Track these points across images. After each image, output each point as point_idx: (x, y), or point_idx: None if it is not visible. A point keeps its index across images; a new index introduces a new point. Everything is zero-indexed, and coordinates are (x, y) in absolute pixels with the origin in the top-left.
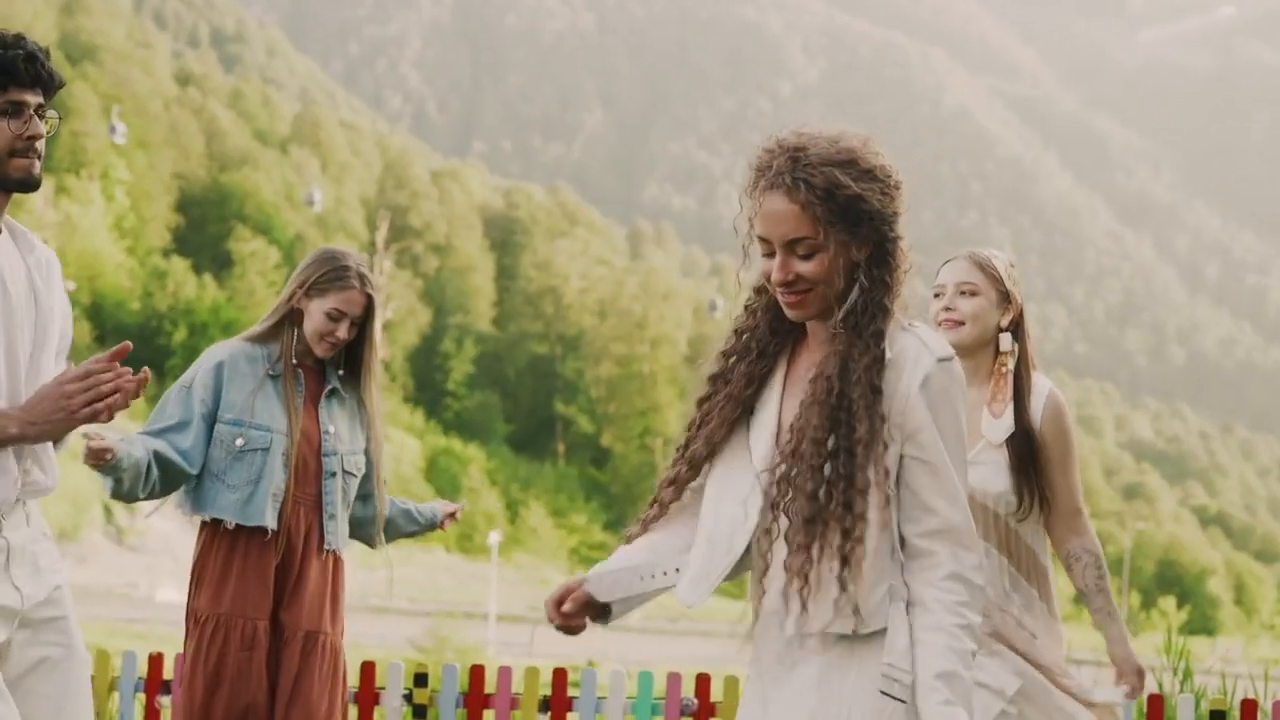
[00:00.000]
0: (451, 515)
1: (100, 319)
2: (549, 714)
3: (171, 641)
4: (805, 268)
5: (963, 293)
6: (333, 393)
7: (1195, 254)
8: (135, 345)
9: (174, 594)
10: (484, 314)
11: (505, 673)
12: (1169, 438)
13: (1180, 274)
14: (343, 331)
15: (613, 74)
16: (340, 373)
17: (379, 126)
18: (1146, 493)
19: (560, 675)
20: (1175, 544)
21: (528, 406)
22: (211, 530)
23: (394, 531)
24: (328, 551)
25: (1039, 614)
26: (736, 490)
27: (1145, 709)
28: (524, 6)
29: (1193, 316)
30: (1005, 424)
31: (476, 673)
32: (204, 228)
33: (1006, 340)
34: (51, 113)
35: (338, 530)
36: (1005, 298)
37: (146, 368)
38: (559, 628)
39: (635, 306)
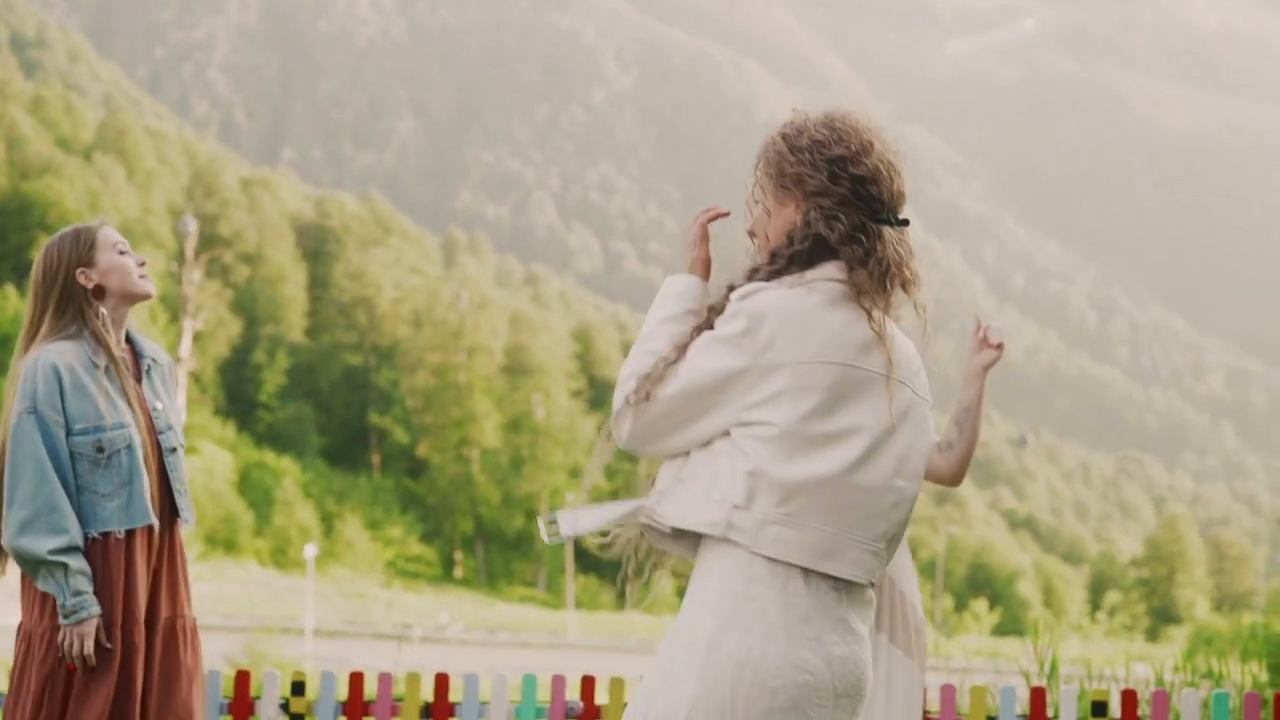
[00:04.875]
0: None
1: None
2: None
3: None
4: (752, 218)
5: None
6: (150, 366)
7: (1002, 263)
8: None
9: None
10: (296, 324)
11: (385, 679)
12: (978, 443)
13: (988, 283)
14: (140, 255)
15: (425, 81)
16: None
17: (186, 134)
18: (957, 497)
19: (442, 681)
20: (986, 547)
21: (342, 418)
22: (92, 544)
23: None
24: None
25: None
26: None
27: (1029, 704)
28: (334, 12)
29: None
30: None
31: (356, 680)
32: (5, 237)
33: None
34: None
35: (189, 505)
36: None
37: None
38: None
39: (450, 316)
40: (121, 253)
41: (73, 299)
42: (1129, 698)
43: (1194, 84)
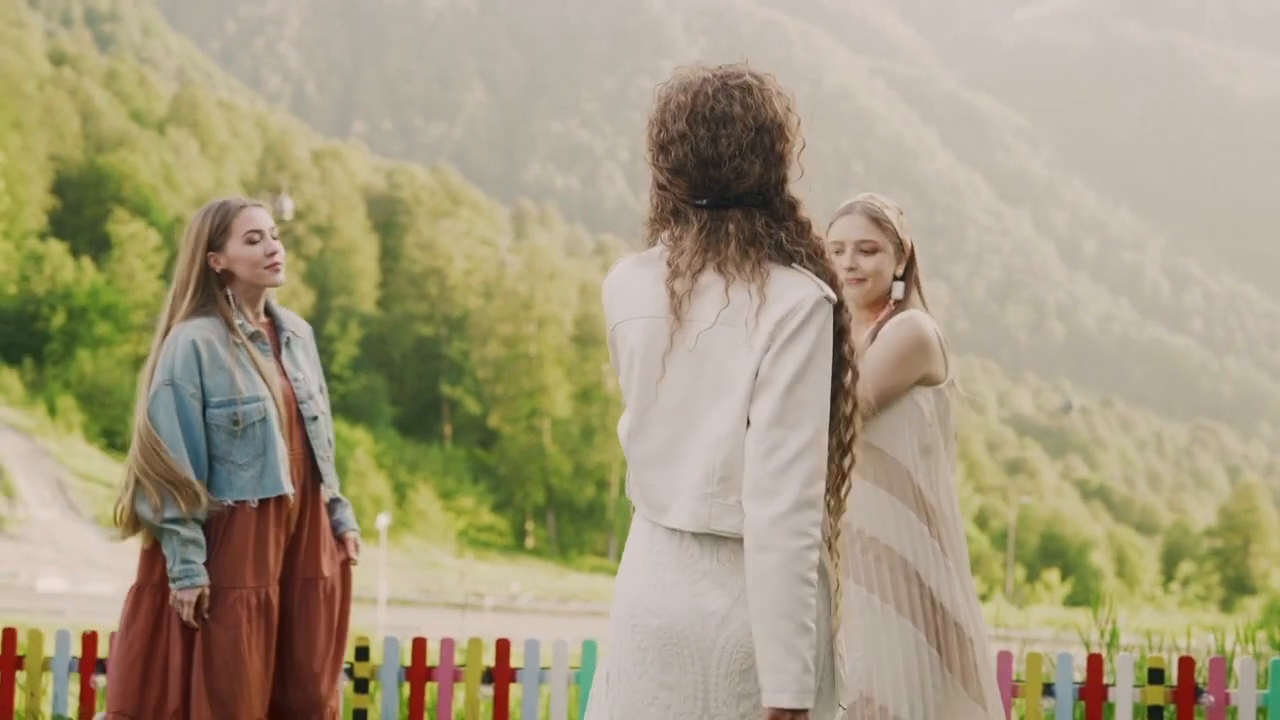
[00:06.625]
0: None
1: None
2: (492, 686)
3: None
4: None
5: (863, 250)
6: (290, 338)
7: (1073, 230)
8: (12, 330)
9: (57, 583)
10: (368, 296)
11: (448, 645)
12: (1050, 412)
13: (1059, 250)
14: (273, 244)
15: (494, 53)
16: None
17: (258, 107)
18: (1029, 467)
19: (503, 647)
20: (1058, 517)
21: (414, 389)
22: (227, 511)
23: None
24: (318, 494)
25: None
26: None
27: (1085, 669)
28: None
29: (1072, 293)
30: (863, 341)
31: (419, 645)
32: (81, 210)
33: (899, 289)
34: None
35: (332, 471)
36: (900, 246)
37: None
38: None
39: (520, 287)
40: (252, 241)
41: (207, 279)
42: (1186, 665)
43: (1267, 50)
